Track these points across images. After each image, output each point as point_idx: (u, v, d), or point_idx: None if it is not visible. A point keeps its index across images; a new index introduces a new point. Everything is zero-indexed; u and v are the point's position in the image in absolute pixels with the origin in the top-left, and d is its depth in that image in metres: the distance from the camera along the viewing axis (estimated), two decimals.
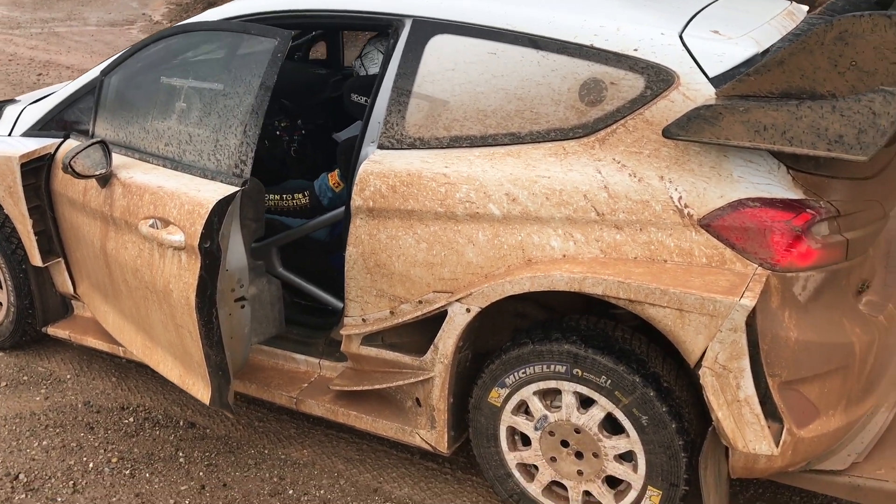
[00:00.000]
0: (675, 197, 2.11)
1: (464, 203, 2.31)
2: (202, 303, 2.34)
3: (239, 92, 2.40)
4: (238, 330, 2.52)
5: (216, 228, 2.29)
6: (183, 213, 2.38)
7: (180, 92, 2.58)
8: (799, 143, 1.94)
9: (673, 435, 2.17)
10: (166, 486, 2.72)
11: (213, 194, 2.34)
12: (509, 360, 2.34)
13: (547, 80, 2.28)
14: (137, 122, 2.71)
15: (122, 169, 2.67)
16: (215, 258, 2.30)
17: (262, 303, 2.70)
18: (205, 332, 2.37)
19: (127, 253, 2.63)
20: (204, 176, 2.45)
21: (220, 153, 2.40)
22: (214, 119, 2.44)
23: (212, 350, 2.39)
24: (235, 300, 2.49)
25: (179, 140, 2.53)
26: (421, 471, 2.78)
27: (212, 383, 2.47)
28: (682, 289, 2.00)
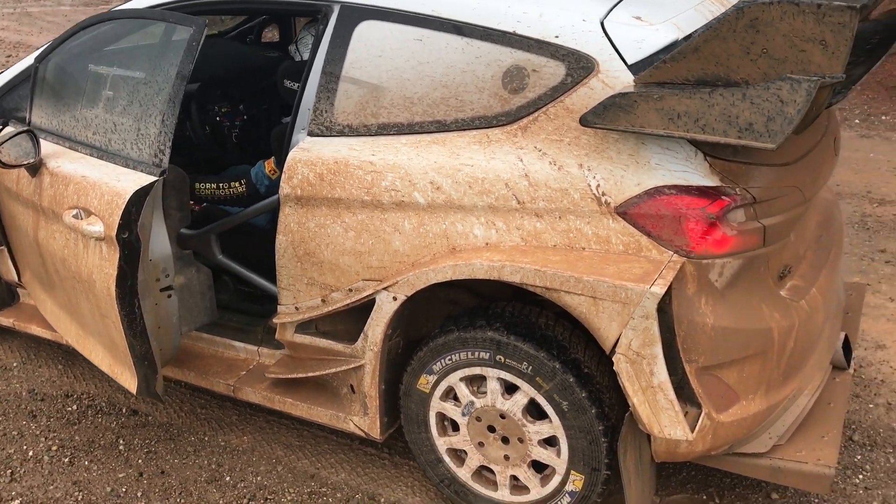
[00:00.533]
0: (593, 185, 2.12)
1: (389, 191, 2.31)
2: (123, 293, 2.34)
3: (158, 81, 2.38)
4: (166, 319, 2.52)
5: (134, 219, 2.28)
6: (103, 203, 2.38)
7: (106, 80, 2.56)
8: (711, 131, 1.95)
9: (593, 420, 2.19)
10: (104, 473, 2.74)
11: (132, 184, 2.33)
12: (436, 347, 2.36)
13: (471, 67, 2.28)
14: (68, 111, 2.70)
15: (51, 158, 2.66)
16: (135, 248, 2.30)
17: (191, 292, 2.70)
18: (127, 322, 2.37)
19: (56, 243, 2.63)
20: (126, 165, 2.44)
21: (142, 142, 2.39)
22: (136, 108, 2.43)
23: (136, 340, 2.40)
24: (161, 290, 2.49)
25: (105, 129, 2.52)
26: (359, 456, 2.80)
27: (137, 373, 2.47)
28: (595, 276, 2.02)
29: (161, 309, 2.50)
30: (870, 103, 7.02)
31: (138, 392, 2.52)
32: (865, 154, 5.98)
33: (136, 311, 2.35)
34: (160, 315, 2.50)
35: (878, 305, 3.73)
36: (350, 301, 2.43)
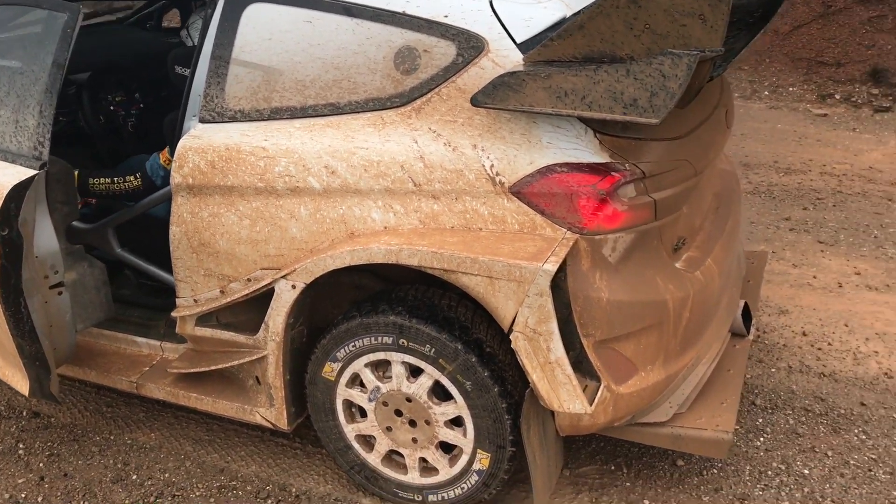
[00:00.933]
0: (487, 165, 2.12)
1: (283, 177, 2.27)
2: (6, 293, 2.25)
3: (34, 70, 2.28)
4: (57, 318, 2.44)
5: (14, 215, 2.19)
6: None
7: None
8: (598, 108, 1.96)
9: (496, 398, 2.20)
10: (2, 479, 2.64)
11: (11, 178, 2.23)
12: (339, 334, 2.33)
13: (363, 48, 2.24)
14: None
15: None
16: (16, 246, 2.20)
17: (84, 288, 2.60)
18: (14, 322, 2.28)
19: None
20: (5, 159, 2.33)
21: (21, 135, 2.29)
22: (14, 99, 2.33)
23: (24, 340, 2.31)
24: (51, 287, 2.39)
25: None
26: (270, 448, 2.77)
27: (29, 374, 2.38)
28: (490, 256, 2.02)
29: (52, 307, 2.41)
30: (778, 75, 7.23)
31: (31, 394, 2.42)
32: (773, 125, 6.16)
33: (22, 310, 2.26)
34: (51, 313, 2.41)
35: (782, 272, 3.85)
36: (249, 291, 2.38)
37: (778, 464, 2.63)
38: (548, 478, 2.31)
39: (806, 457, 2.65)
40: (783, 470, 2.60)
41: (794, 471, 2.60)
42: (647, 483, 2.58)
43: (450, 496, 2.40)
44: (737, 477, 2.58)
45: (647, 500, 2.52)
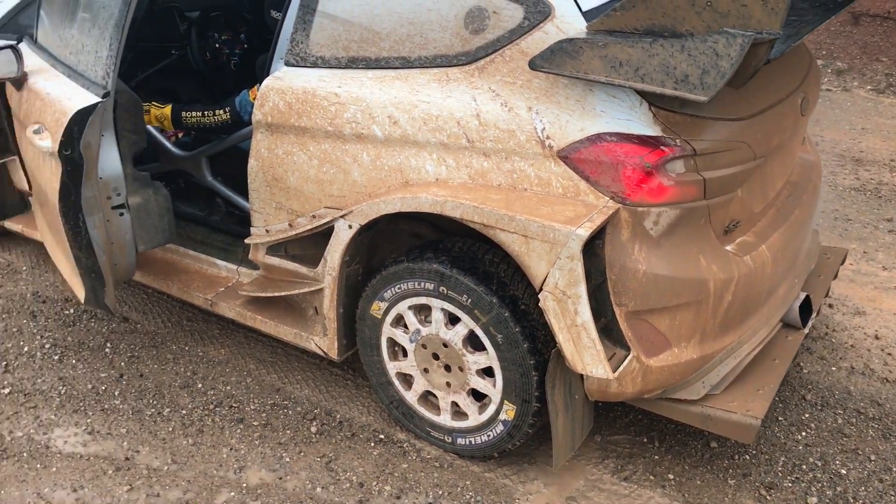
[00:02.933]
0: (538, 128, 2.18)
1: (351, 123, 2.40)
2: (67, 207, 2.47)
3: (112, 5, 2.47)
4: (118, 236, 2.64)
5: (76, 137, 2.38)
6: (53, 120, 2.50)
7: (82, 2, 2.67)
8: (650, 81, 1.98)
9: (525, 354, 2.29)
10: (88, 372, 2.95)
11: (80, 103, 2.43)
12: (387, 275, 2.47)
13: (437, 5, 2.33)
14: (57, 30, 2.83)
15: (35, 74, 2.80)
16: (77, 165, 2.40)
17: (148, 212, 2.80)
18: (72, 235, 2.51)
19: (28, 154, 2.79)
20: (84, 86, 2.55)
21: (97, 64, 2.49)
22: (96, 31, 2.52)
23: (81, 252, 2.53)
24: (113, 207, 2.60)
25: (77, 49, 2.63)
26: (325, 375, 2.96)
27: (85, 284, 2.62)
28: (528, 216, 2.09)
29: (113, 226, 2.61)
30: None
31: (86, 302, 2.67)
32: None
33: (80, 224, 2.47)
34: (112, 232, 2.62)
35: (869, 273, 3.70)
36: (312, 227, 2.55)
37: (815, 459, 2.60)
38: (570, 438, 2.38)
39: (847, 457, 2.61)
40: (819, 466, 2.57)
41: (831, 469, 2.56)
42: (675, 459, 2.61)
43: (476, 442, 2.52)
44: (768, 466, 2.57)
45: (672, 474, 2.55)
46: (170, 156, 3.09)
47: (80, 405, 2.79)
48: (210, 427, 2.71)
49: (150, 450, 2.60)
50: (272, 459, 2.58)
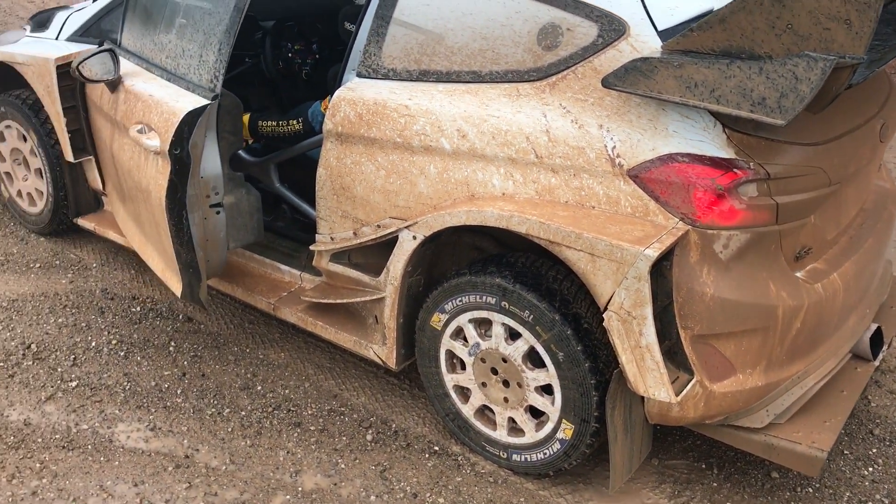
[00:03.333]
0: (609, 146, 2.17)
1: (419, 135, 2.42)
2: (172, 204, 2.56)
3: (220, 11, 2.55)
4: (213, 234, 2.74)
5: (186, 137, 2.48)
6: (161, 120, 2.59)
7: (180, 8, 2.76)
8: (725, 102, 1.96)
9: (586, 373, 2.27)
10: (152, 369, 3.02)
11: (188, 105, 2.53)
12: (449, 287, 2.48)
13: (510, 21, 2.34)
14: (149, 34, 2.92)
15: (129, 76, 2.90)
16: (185, 164, 2.50)
17: (240, 211, 2.90)
18: (175, 231, 2.60)
19: (124, 154, 2.88)
20: (187, 88, 2.64)
21: (202, 68, 2.58)
22: (200, 36, 2.62)
23: (182, 248, 2.62)
24: (211, 206, 2.70)
25: (176, 53, 2.72)
26: (382, 384, 2.98)
27: (182, 278, 2.71)
28: (595, 234, 2.08)
29: (209, 224, 2.72)
30: None
31: (182, 296, 2.76)
32: None
33: (183, 221, 2.57)
34: (208, 229, 2.72)
35: None
36: (377, 236, 2.58)
37: (882, 497, 2.51)
38: (628, 460, 2.35)
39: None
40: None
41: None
42: (734, 487, 2.55)
43: (532, 459, 2.51)
44: (833, 501, 2.50)
45: (730, 503, 2.49)
46: (241, 161, 3.16)
47: (143, 401, 2.86)
48: (268, 429, 2.75)
49: (209, 449, 2.65)
50: (328, 465, 2.60)
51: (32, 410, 2.80)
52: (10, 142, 3.77)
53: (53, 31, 3.64)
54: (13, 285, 3.52)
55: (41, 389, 2.90)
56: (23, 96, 3.62)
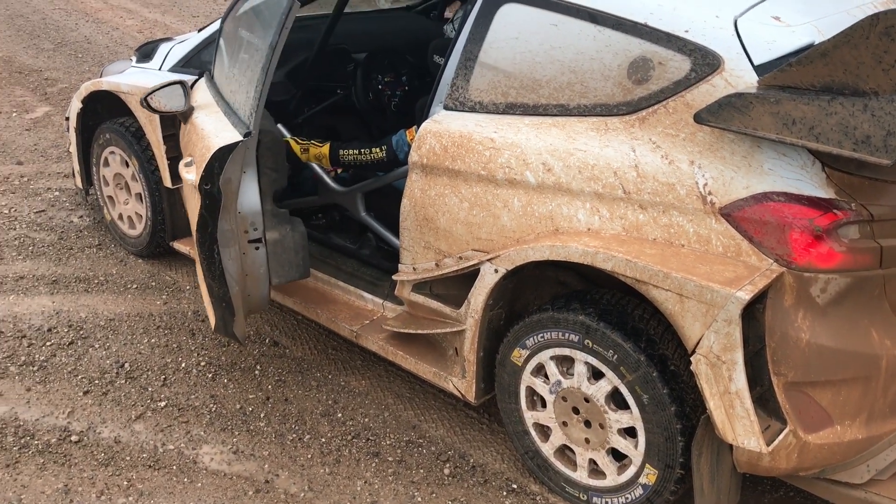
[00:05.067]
0: (700, 183, 2.10)
1: (504, 168, 2.41)
2: (203, 238, 2.59)
3: (261, 49, 2.59)
4: (252, 269, 2.73)
5: (216, 172, 2.48)
6: (200, 154, 2.64)
7: (244, 43, 2.83)
8: (825, 141, 1.88)
9: (671, 417, 2.19)
10: (238, 392, 3.08)
11: (224, 141, 2.54)
12: (531, 323, 2.44)
13: (600, 55, 2.31)
14: (226, 68, 3.02)
15: (201, 109, 2.99)
16: (216, 200, 2.50)
17: (284, 248, 2.87)
18: (206, 265, 2.62)
19: (187, 185, 2.97)
20: (234, 123, 2.68)
21: (246, 104, 2.61)
22: (249, 72, 2.65)
23: (213, 282, 2.64)
24: (249, 241, 2.69)
25: (235, 88, 2.78)
26: (460, 417, 2.95)
27: (215, 312, 2.73)
28: (684, 274, 2.01)
29: (248, 259, 2.70)
30: None
31: (215, 330, 2.78)
32: None
33: (214, 256, 2.57)
34: (247, 264, 2.71)
35: None
36: (459, 268, 2.56)
37: None
38: None
39: None
40: None
41: None
42: None
43: (613, 503, 2.43)
44: None
45: None
46: (329, 190, 3.22)
47: (227, 424, 2.91)
48: (347, 458, 2.75)
49: (289, 475, 2.67)
50: (404, 497, 2.59)
51: (123, 428, 2.89)
52: (114, 167, 3.95)
53: (157, 61, 3.81)
54: (111, 305, 3.66)
55: (132, 408, 3.00)
56: (126, 124, 3.79)
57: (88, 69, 7.33)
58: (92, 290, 3.77)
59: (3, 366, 3.24)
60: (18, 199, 4.70)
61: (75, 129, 4.05)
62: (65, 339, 3.40)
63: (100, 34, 8.51)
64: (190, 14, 9.26)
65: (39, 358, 3.28)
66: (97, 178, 4.11)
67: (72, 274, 3.91)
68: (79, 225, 4.39)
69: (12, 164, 5.23)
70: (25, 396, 3.06)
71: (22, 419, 2.94)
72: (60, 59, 7.63)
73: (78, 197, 4.72)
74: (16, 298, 3.71)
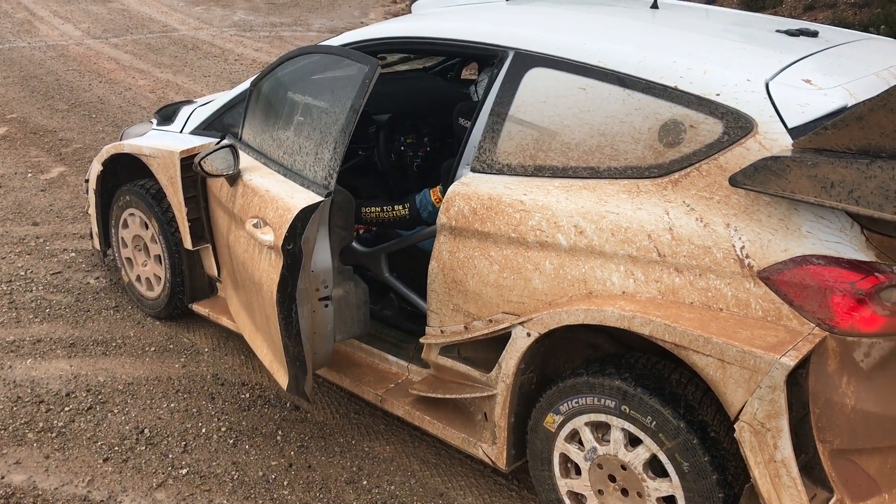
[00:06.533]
0: (737, 246, 2.08)
1: (535, 231, 2.39)
2: (283, 298, 2.59)
3: (336, 111, 2.62)
4: (321, 327, 2.75)
5: (299, 233, 2.52)
6: (276, 215, 2.65)
7: (299, 106, 2.85)
8: (865, 204, 1.86)
9: (713, 486, 2.13)
10: (260, 459, 3.02)
11: (301, 201, 2.58)
12: (565, 388, 2.40)
13: (630, 118, 2.32)
14: (268, 130, 3.03)
15: (248, 171, 3.00)
16: (296, 259, 2.54)
17: (347, 304, 2.91)
18: (284, 324, 2.62)
19: (240, 246, 2.96)
20: (302, 184, 2.70)
21: (317, 165, 2.63)
22: (317, 134, 2.68)
23: (290, 341, 2.64)
24: (320, 299, 2.72)
25: (292, 150, 2.80)
26: (489, 484, 2.88)
27: (289, 371, 2.72)
28: (726, 339, 1.98)
29: (318, 317, 2.73)
30: None
31: (288, 389, 2.77)
32: None
33: (293, 315, 2.60)
34: (316, 322, 2.74)
35: None
36: (489, 331, 2.53)
37: None
38: None
39: None
40: None
41: None
42: None
43: None
44: None
45: None
46: (351, 251, 3.20)
47: (250, 492, 2.85)
48: None
49: None
50: None
51: (144, 497, 2.82)
52: (133, 229, 3.94)
53: (178, 124, 3.83)
54: (129, 368, 3.62)
55: (153, 475, 2.93)
56: (146, 186, 3.80)
57: (102, 129, 7.40)
58: (110, 353, 3.74)
59: (21, 432, 3.18)
60: (35, 261, 4.69)
61: (94, 190, 4.06)
62: (83, 405, 3.36)
63: (113, 94, 8.61)
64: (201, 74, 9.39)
65: (58, 424, 3.23)
66: (115, 240, 4.10)
67: (89, 336, 3.88)
68: (95, 286, 4.37)
69: (28, 224, 5.24)
70: (44, 464, 3.00)
71: (41, 488, 2.88)
72: (74, 120, 7.71)
73: (94, 258, 4.71)
74: (33, 362, 3.67)
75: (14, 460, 3.02)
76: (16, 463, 3.01)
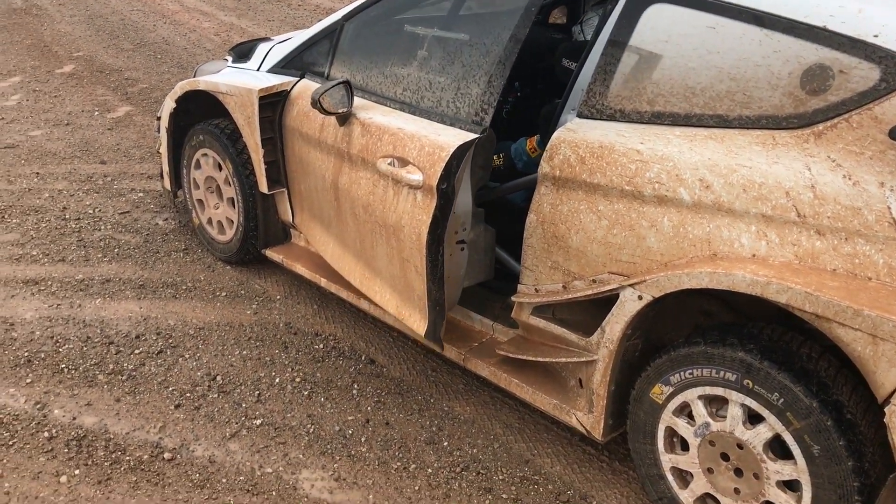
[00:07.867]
0: (894, 208, 1.84)
1: (653, 184, 2.17)
2: (432, 240, 2.47)
3: (486, 43, 2.47)
4: (454, 270, 2.63)
5: (454, 171, 2.39)
6: (423, 154, 2.51)
7: (423, 41, 2.68)
8: None
9: (848, 473, 1.92)
10: (336, 412, 2.90)
11: (453, 139, 2.45)
12: (678, 357, 2.20)
13: (767, 61, 2.07)
14: (376, 68, 2.86)
15: (360, 110, 2.83)
16: (449, 199, 2.42)
17: (476, 248, 2.76)
18: (430, 268, 2.51)
19: (360, 188, 2.80)
20: (442, 122, 2.56)
21: (461, 101, 2.49)
22: (458, 68, 2.53)
23: (434, 286, 2.53)
24: (457, 242, 2.59)
25: (418, 86, 2.65)
26: (577, 453, 2.72)
27: (429, 317, 2.60)
28: (880, 312, 1.75)
29: (453, 260, 2.61)
30: None
31: (426, 335, 2.65)
32: None
33: (439, 258, 2.48)
34: (451, 266, 2.61)
35: None
36: (592, 292, 2.34)
37: None
38: None
39: None
40: None
41: None
42: None
43: None
44: None
45: None
46: None
47: (327, 447, 2.73)
48: (457, 492, 2.54)
49: None
50: None
51: (217, 447, 2.72)
52: (206, 170, 3.82)
53: (255, 62, 3.66)
54: (199, 313, 3.52)
55: (226, 425, 2.83)
56: (221, 125, 3.65)
57: (168, 70, 7.31)
58: (180, 297, 3.64)
59: (92, 373, 3.11)
60: (103, 199, 4.62)
61: (167, 129, 3.93)
62: (154, 348, 3.27)
63: (178, 36, 8.51)
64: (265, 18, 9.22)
65: (128, 367, 3.15)
66: (186, 180, 3.99)
67: (159, 279, 3.79)
68: (164, 228, 4.28)
69: (96, 163, 5.18)
70: (115, 408, 2.92)
71: (112, 432, 2.80)
72: (140, 60, 7.63)
73: (163, 199, 4.62)
74: (103, 302, 3.59)
75: (85, 402, 2.95)
76: (87, 405, 2.93)
